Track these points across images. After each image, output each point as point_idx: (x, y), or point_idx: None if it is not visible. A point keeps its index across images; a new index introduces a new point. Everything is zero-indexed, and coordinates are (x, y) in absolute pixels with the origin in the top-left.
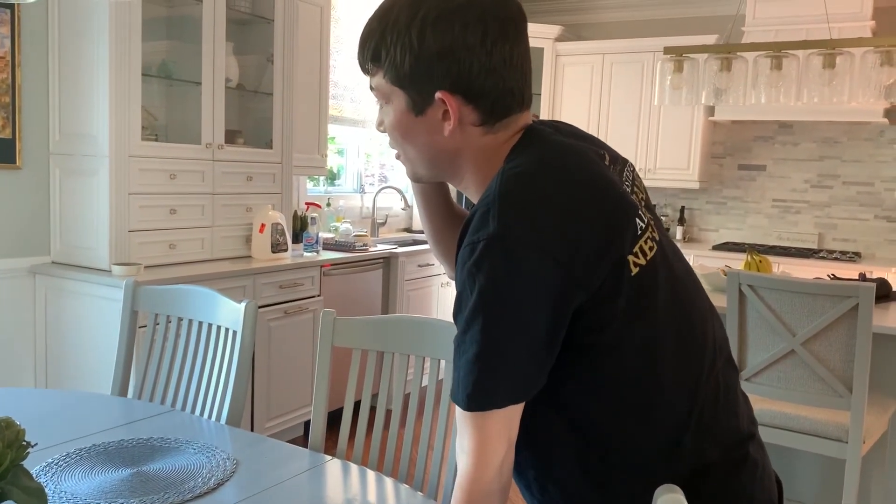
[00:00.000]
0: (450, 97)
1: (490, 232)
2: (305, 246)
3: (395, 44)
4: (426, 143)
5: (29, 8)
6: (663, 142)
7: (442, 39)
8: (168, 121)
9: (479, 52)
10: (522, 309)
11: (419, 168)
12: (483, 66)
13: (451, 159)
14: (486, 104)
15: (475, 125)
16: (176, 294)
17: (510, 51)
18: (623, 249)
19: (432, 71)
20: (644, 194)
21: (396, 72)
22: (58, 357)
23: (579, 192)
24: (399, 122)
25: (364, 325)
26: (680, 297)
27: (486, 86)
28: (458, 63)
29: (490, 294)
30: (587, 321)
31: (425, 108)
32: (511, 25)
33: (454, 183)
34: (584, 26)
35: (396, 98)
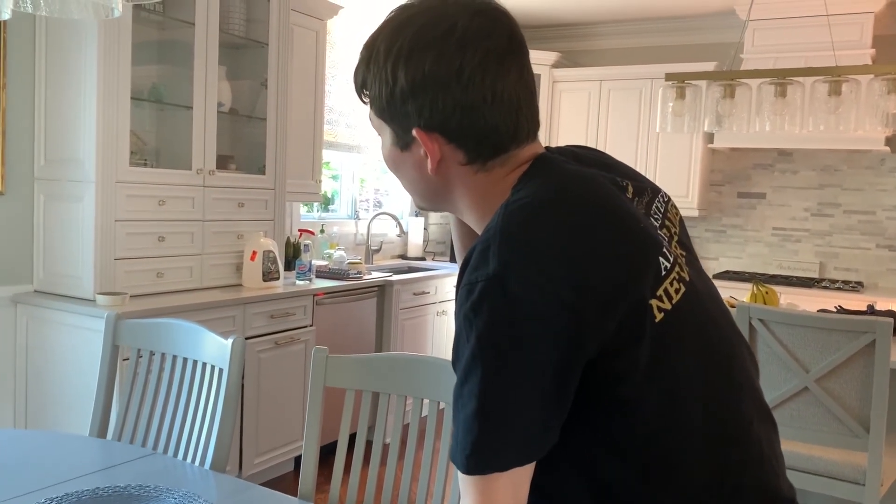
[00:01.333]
0: (424, 136)
1: (489, 271)
2: (298, 274)
3: (375, 76)
4: (415, 178)
5: (15, 29)
6: (662, 169)
7: (413, 74)
8: (158, 146)
9: (455, 87)
10: (526, 358)
11: (418, 199)
12: (458, 103)
13: (444, 195)
14: (469, 144)
15: (462, 164)
16: (160, 328)
17: (493, 84)
18: (643, 292)
19: (406, 107)
20: (677, 228)
21: (378, 105)
22: (38, 391)
23: (592, 226)
24: (389, 156)
25: (358, 363)
26: (714, 346)
27: (463, 124)
28: (430, 100)
29: (489, 341)
30: (602, 374)
31: (409, 144)
32: (494, 57)
33: (457, 215)
34: (581, 53)
35: (384, 130)
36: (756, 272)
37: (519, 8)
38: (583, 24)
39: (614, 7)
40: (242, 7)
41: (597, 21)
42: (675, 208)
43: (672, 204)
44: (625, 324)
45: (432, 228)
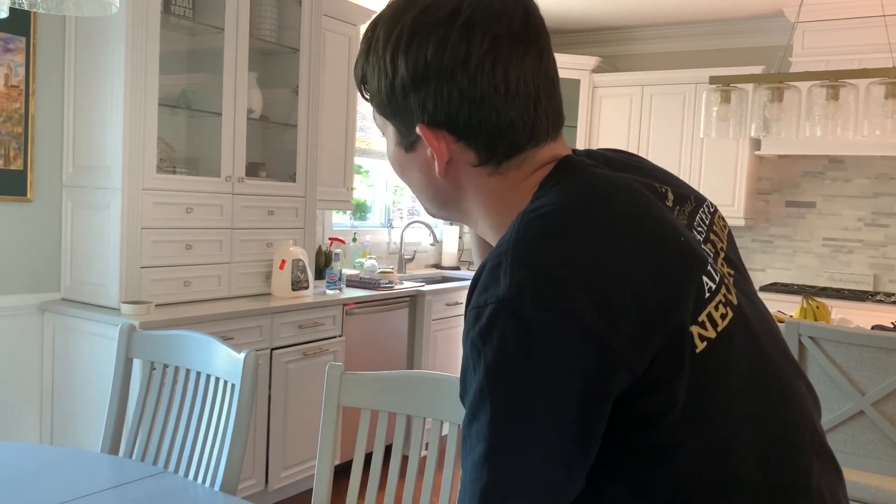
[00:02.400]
0: (430, 133)
1: (500, 293)
2: (328, 283)
3: (374, 68)
4: (422, 182)
5: (45, 36)
6: (706, 177)
7: (414, 63)
8: (188, 153)
9: (461, 77)
10: (543, 395)
11: (427, 206)
12: (466, 94)
13: (455, 201)
14: (480, 141)
15: (473, 165)
16: (173, 340)
17: (507, 74)
18: (683, 317)
19: (408, 101)
20: (724, 243)
21: (379, 100)
22: (64, 400)
23: (622, 240)
24: (394, 158)
25: (374, 381)
26: (767, 381)
27: (473, 119)
28: (433, 92)
29: (499, 375)
30: (634, 413)
31: (414, 144)
32: (507, 41)
33: (470, 226)
34: (622, 58)
35: (388, 129)
36: (805, 284)
37: (557, 12)
38: (624, 28)
39: (656, 10)
40: (274, 13)
41: (638, 25)
42: (722, 220)
43: (719, 215)
44: (661, 355)
45: (467, 237)
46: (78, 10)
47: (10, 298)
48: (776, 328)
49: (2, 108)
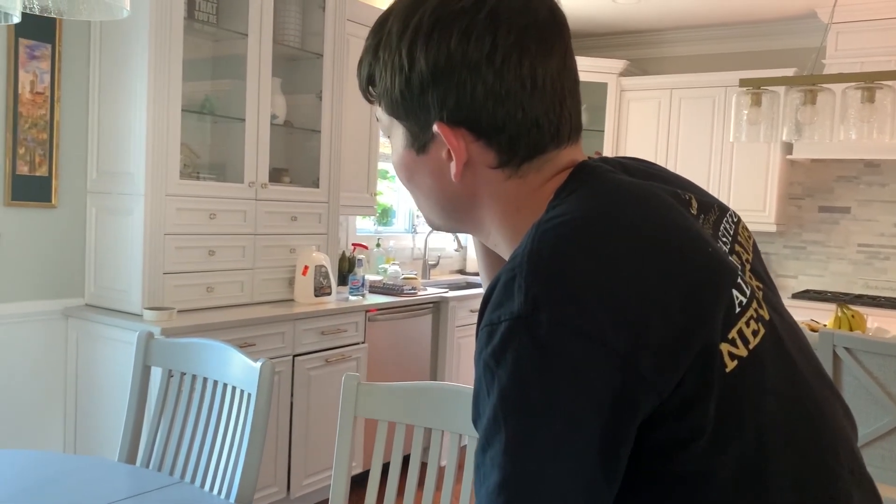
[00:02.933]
0: (449, 131)
1: (515, 309)
2: (351, 289)
3: (386, 64)
4: (433, 187)
5: (70, 43)
6: (737, 182)
7: (435, 55)
8: (212, 158)
9: (486, 71)
10: (562, 419)
11: (433, 217)
12: (491, 89)
13: (467, 209)
14: (502, 140)
15: (492, 167)
16: (190, 348)
17: (533, 69)
18: (712, 335)
19: (425, 97)
20: (751, 254)
21: (389, 99)
22: (87, 406)
23: (648, 251)
24: (401, 162)
25: (392, 392)
26: (802, 404)
27: (497, 116)
28: (455, 86)
29: (515, 399)
30: (660, 438)
31: (426, 145)
32: (534, 34)
33: (481, 238)
34: (650, 61)
35: (395, 131)
36: (840, 292)
37: (584, 14)
38: (652, 31)
39: (685, 13)
40: (298, 18)
41: (667, 27)
42: (746, 230)
43: (743, 225)
44: (688, 376)
45: None
46: (90, 13)
47: (35, 304)
48: (808, 345)
49: (28, 114)
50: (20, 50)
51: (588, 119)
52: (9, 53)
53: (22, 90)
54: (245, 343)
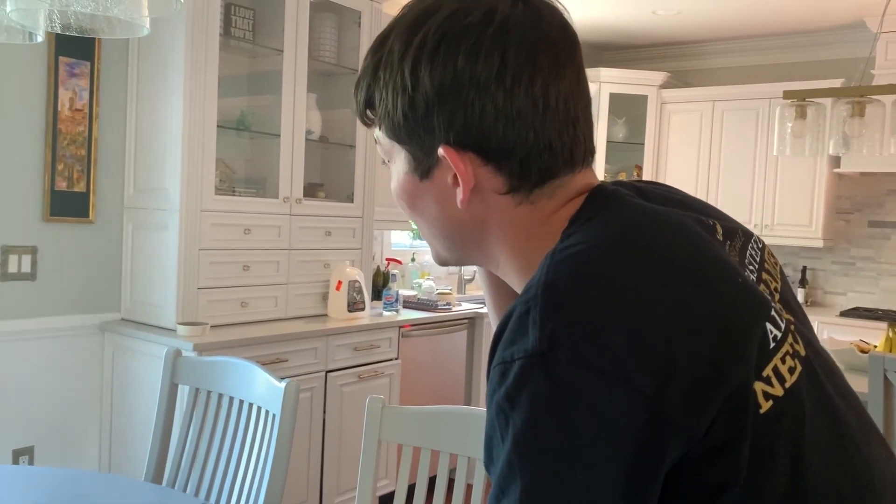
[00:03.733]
0: (455, 155)
1: (529, 346)
2: (385, 304)
3: (387, 85)
4: (438, 216)
5: (109, 60)
6: (782, 196)
7: (441, 74)
8: (247, 174)
9: (495, 90)
10: (583, 467)
11: (439, 247)
12: (501, 110)
13: (474, 238)
14: (513, 165)
15: (501, 193)
16: (217, 367)
17: (545, 88)
18: (746, 373)
19: (430, 119)
20: (779, 282)
21: (391, 121)
22: (121, 420)
23: (672, 283)
24: (402, 189)
25: (417, 416)
26: (843, 446)
27: (508, 138)
28: (462, 107)
29: (530, 445)
30: (690, 484)
31: (430, 170)
32: (546, 51)
33: (490, 268)
34: (691, 72)
35: (396, 156)
36: (890, 310)
37: (623, 27)
38: (693, 42)
39: (727, 24)
40: (333, 34)
41: (708, 39)
42: (772, 256)
43: (769, 251)
44: (720, 418)
45: None
46: (111, 31)
47: (72, 318)
48: (846, 383)
49: (67, 131)
50: (60, 68)
51: (628, 132)
52: (49, 71)
53: (61, 107)
54: (277, 359)
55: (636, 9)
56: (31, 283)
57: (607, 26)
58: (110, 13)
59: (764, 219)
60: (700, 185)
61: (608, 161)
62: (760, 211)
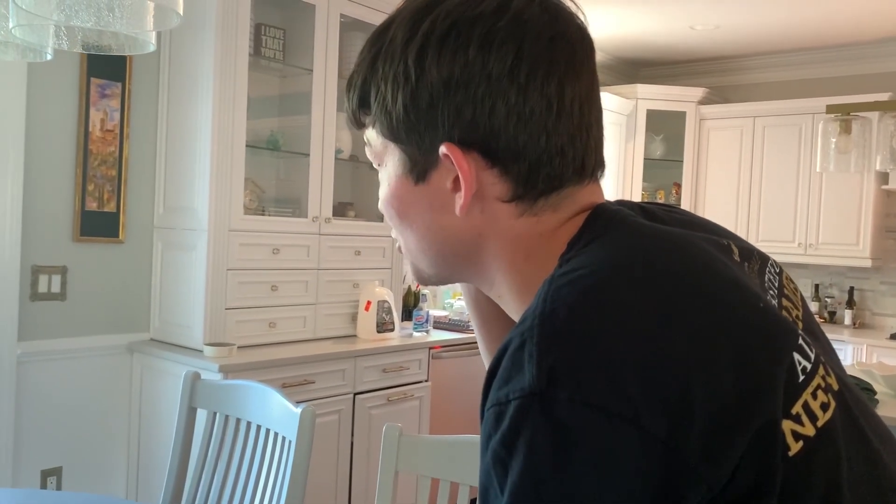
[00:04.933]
0: (460, 154)
1: (526, 384)
2: (415, 325)
3: (385, 77)
4: (430, 225)
5: (140, 81)
6: (827, 214)
7: (450, 65)
8: (277, 194)
9: (508, 86)
10: None
11: (422, 264)
12: (513, 108)
13: (468, 252)
14: (521, 169)
15: (503, 200)
16: (234, 390)
17: (561, 88)
18: (772, 411)
19: (434, 112)
20: (800, 310)
21: (388, 117)
22: (149, 441)
23: (687, 310)
24: (393, 194)
25: (437, 446)
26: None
27: (518, 139)
28: (471, 102)
29: (530, 496)
30: None
31: (427, 171)
32: (564, 48)
33: (483, 288)
34: (731, 88)
35: (391, 158)
36: None
37: (660, 42)
38: (732, 58)
39: (767, 38)
40: None
41: (748, 53)
42: (791, 282)
43: (787, 276)
44: (743, 463)
45: None
46: (119, 48)
47: (102, 338)
48: (881, 421)
49: (97, 151)
50: (91, 89)
51: (666, 149)
52: (80, 92)
53: (92, 128)
54: (305, 380)
55: (673, 24)
56: (60, 303)
57: (644, 42)
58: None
59: (808, 238)
60: (741, 203)
61: (646, 179)
62: (804, 230)
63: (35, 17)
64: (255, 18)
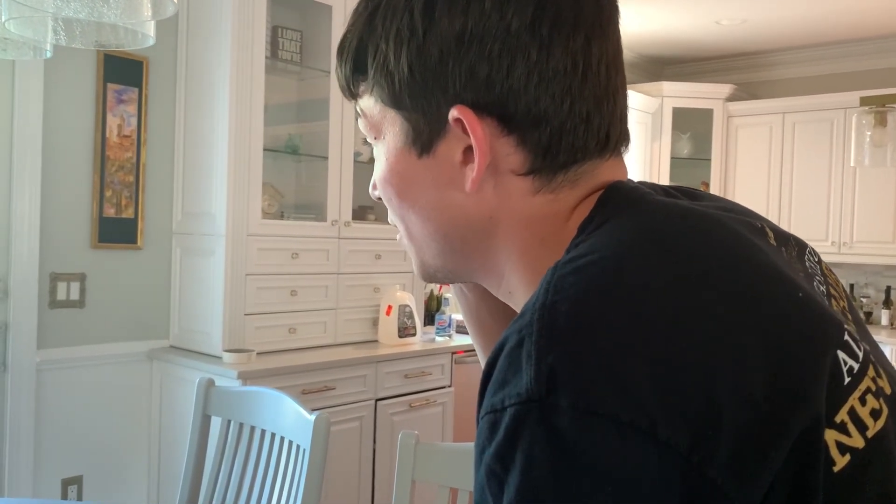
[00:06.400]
0: (474, 118)
1: (523, 388)
2: (437, 329)
3: (388, 31)
4: (435, 204)
5: (157, 86)
6: (861, 210)
7: (463, 16)
8: (297, 198)
9: (529, 41)
10: None
11: (427, 253)
12: (534, 67)
13: (477, 237)
14: (541, 137)
15: (519, 174)
16: (249, 397)
17: (588, 45)
18: (813, 419)
19: (444, 71)
20: (845, 301)
21: (389, 80)
22: (169, 449)
23: (713, 302)
24: (392, 170)
25: (454, 454)
26: None
27: (539, 103)
28: (488, 58)
29: None
30: None
31: (433, 142)
32: (592, 4)
33: (490, 285)
34: (759, 84)
35: (389, 128)
36: None
37: (685, 38)
38: (760, 53)
39: (796, 32)
40: None
41: (776, 48)
42: (832, 273)
43: (826, 265)
44: (779, 481)
45: None
46: (119, 44)
47: (121, 346)
48: None
49: (115, 157)
50: (108, 94)
51: (693, 148)
52: (97, 98)
53: (109, 134)
54: (325, 387)
55: (698, 19)
56: (79, 310)
57: (668, 39)
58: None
59: (842, 236)
60: (771, 202)
61: (673, 178)
62: (838, 227)
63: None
64: (272, 21)
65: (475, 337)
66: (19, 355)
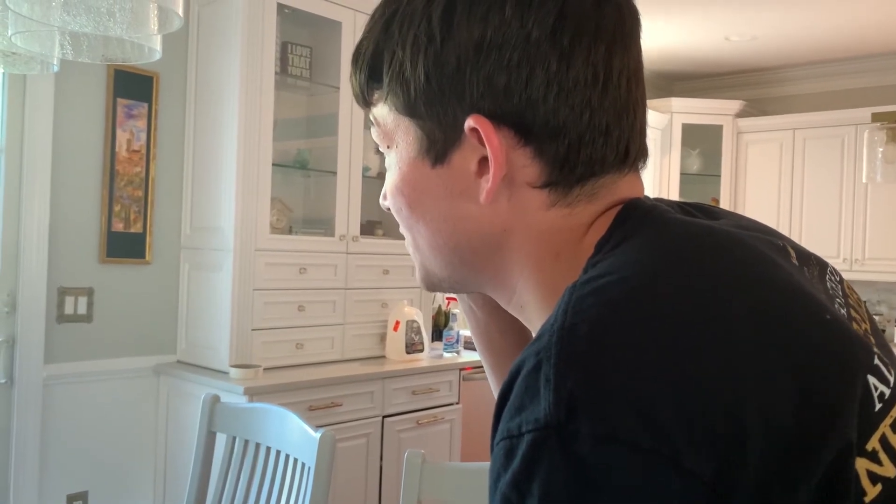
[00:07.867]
0: (490, 128)
1: (541, 414)
2: (446, 345)
3: (405, 38)
4: (447, 216)
5: (166, 101)
6: (873, 227)
7: (482, 24)
8: (305, 213)
9: (549, 51)
10: None
11: (434, 264)
12: (554, 77)
13: (489, 250)
14: (558, 149)
15: (535, 186)
16: (254, 414)
17: (609, 57)
18: (843, 447)
19: (461, 80)
20: (868, 324)
21: (405, 87)
22: (176, 465)
23: (737, 325)
24: (405, 180)
25: (460, 473)
26: None
27: (558, 114)
28: (507, 67)
29: None
30: None
31: (448, 151)
32: (612, 14)
33: (498, 297)
34: (769, 100)
35: (402, 137)
36: None
37: (695, 55)
38: (770, 69)
39: (805, 48)
40: None
41: (786, 64)
42: (854, 292)
43: (848, 285)
44: None
45: None
46: (125, 58)
47: (128, 360)
48: None
49: (124, 172)
50: (118, 109)
51: (702, 164)
52: (107, 113)
53: (119, 148)
54: (332, 403)
55: (708, 35)
56: (87, 324)
57: (678, 55)
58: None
59: (854, 253)
60: (782, 218)
61: (682, 194)
62: (849, 244)
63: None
64: (282, 37)
65: (484, 354)
66: (26, 370)
